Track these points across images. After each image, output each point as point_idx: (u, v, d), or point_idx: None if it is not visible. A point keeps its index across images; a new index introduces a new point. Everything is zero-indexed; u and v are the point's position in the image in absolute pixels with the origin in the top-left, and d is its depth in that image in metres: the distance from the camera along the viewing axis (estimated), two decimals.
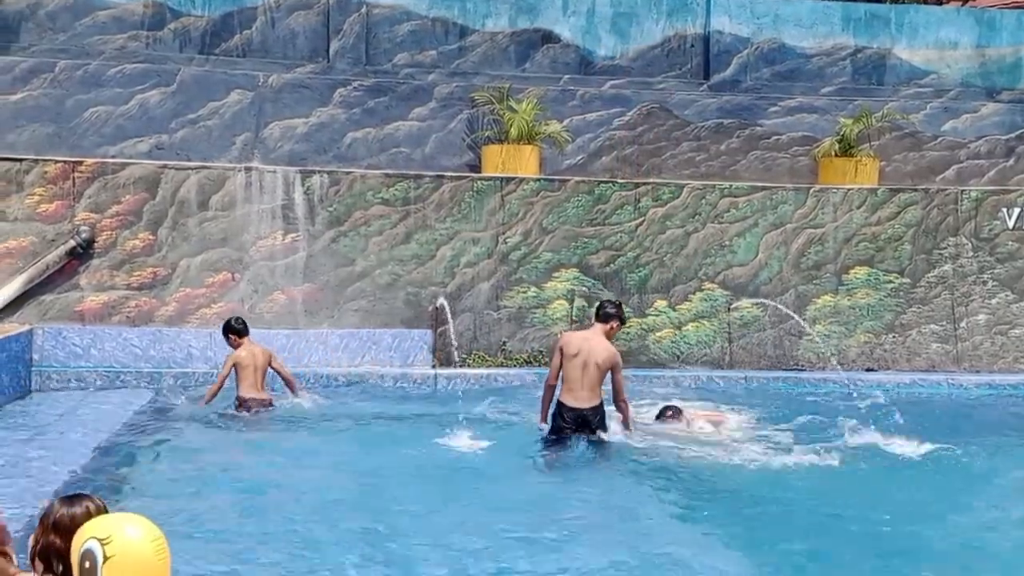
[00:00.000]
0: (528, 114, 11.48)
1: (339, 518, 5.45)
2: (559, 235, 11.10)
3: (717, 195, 11.44)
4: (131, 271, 10.26)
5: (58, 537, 2.90)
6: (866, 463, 7.15)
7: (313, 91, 11.92)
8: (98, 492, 5.77)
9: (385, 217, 10.81)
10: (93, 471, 6.32)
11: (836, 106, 12.91)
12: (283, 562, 4.69)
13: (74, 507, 2.96)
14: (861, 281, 11.55)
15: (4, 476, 5.95)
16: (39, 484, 5.79)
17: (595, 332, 7.42)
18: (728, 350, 11.26)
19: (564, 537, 5.26)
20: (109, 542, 2.54)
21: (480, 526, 5.40)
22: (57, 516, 2.94)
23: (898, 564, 4.95)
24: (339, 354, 10.41)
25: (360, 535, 5.15)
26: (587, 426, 7.26)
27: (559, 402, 7.32)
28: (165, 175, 10.43)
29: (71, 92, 11.28)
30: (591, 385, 7.25)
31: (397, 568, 4.65)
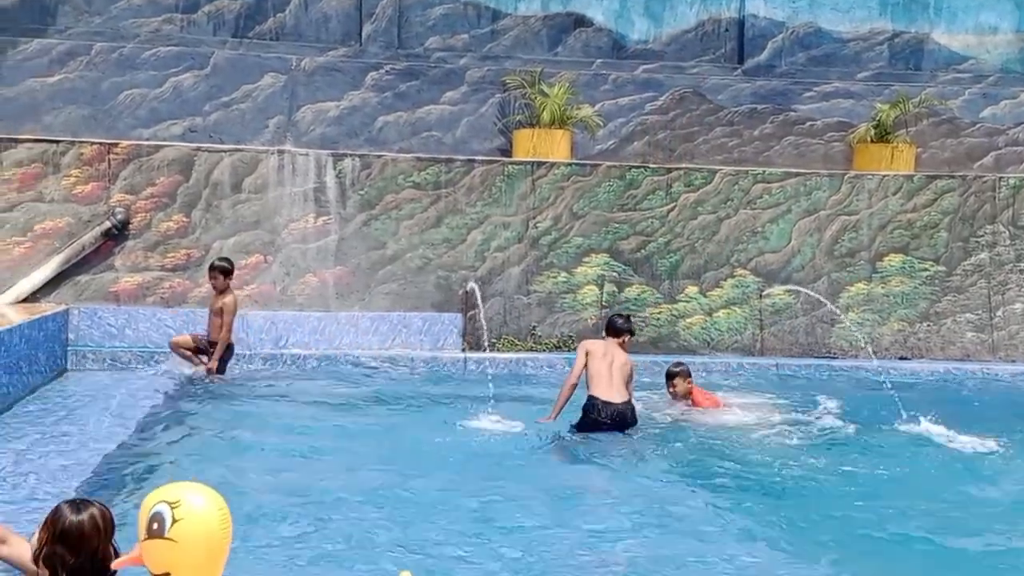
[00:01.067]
0: (560, 98, 11.43)
1: (366, 497, 5.48)
2: (590, 220, 11.06)
3: (750, 181, 11.35)
4: (165, 252, 10.36)
5: (64, 548, 2.91)
6: (899, 450, 7.09)
7: (345, 74, 11.94)
8: (132, 469, 5.87)
9: (416, 201, 10.83)
10: (127, 448, 6.40)
11: (872, 91, 12.74)
12: (309, 538, 4.73)
13: (81, 515, 2.96)
14: (895, 269, 11.42)
15: (39, 454, 6.04)
16: (75, 462, 5.88)
17: (612, 344, 7.46)
18: (759, 337, 11.19)
19: (591, 519, 5.26)
20: (178, 506, 2.63)
21: (506, 507, 5.41)
22: (66, 525, 2.94)
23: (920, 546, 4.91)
24: (370, 337, 10.46)
25: (387, 515, 5.17)
26: (624, 423, 7.19)
27: (592, 397, 7.18)
28: (199, 157, 10.51)
29: (106, 75, 11.38)
30: (621, 382, 7.25)
31: (423, 548, 4.67)
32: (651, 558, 4.67)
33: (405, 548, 4.68)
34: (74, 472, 5.62)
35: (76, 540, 2.86)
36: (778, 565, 4.63)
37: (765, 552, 4.81)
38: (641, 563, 4.61)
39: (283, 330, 10.29)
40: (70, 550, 2.89)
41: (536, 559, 4.60)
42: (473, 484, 5.89)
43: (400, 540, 4.81)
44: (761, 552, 4.81)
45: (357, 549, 4.65)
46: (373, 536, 4.85)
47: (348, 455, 6.56)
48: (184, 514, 2.62)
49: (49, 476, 5.54)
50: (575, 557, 4.65)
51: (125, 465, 6.04)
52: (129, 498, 5.25)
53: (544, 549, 4.74)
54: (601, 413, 7.12)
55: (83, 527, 2.90)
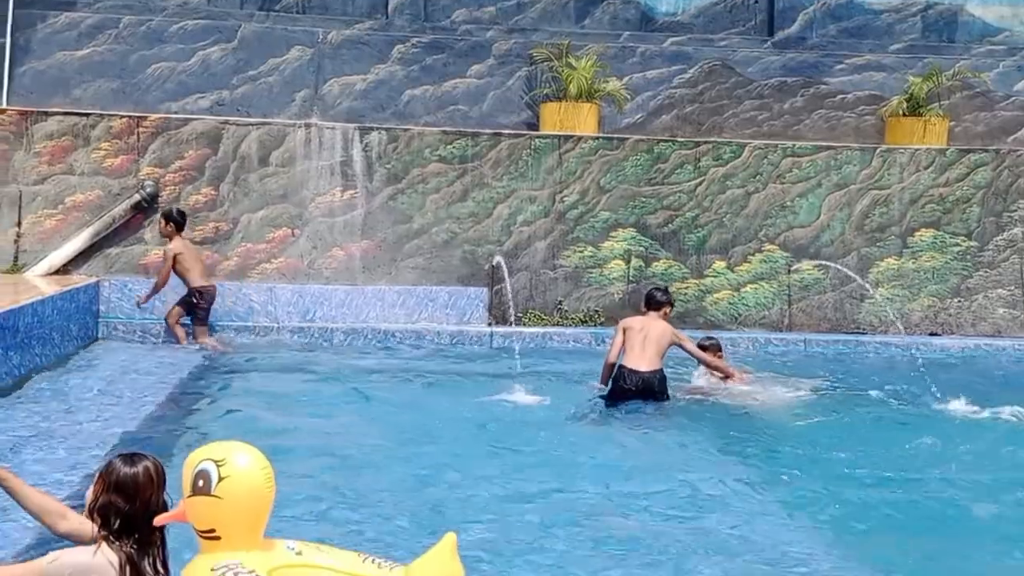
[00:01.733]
0: (587, 71, 11.34)
1: (392, 465, 5.51)
2: (617, 194, 11.00)
3: (779, 155, 11.23)
4: (193, 225, 10.40)
5: (120, 497, 3.00)
6: (928, 426, 7.03)
7: (372, 48, 11.91)
8: (162, 438, 5.93)
9: (442, 175, 10.81)
10: (157, 417, 6.48)
11: (905, 64, 12.54)
12: (338, 510, 4.76)
13: (135, 467, 3.07)
14: (927, 244, 11.28)
15: (73, 421, 6.13)
16: (106, 427, 5.96)
17: (652, 317, 7.58)
18: (787, 313, 11.11)
19: (617, 491, 5.27)
20: (224, 464, 2.67)
21: (532, 478, 5.42)
22: (120, 476, 3.04)
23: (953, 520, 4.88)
24: (396, 310, 10.49)
25: (413, 486, 5.20)
26: (651, 392, 7.27)
27: (621, 366, 7.36)
28: (227, 131, 10.53)
29: (135, 48, 11.42)
30: (653, 353, 7.35)
31: (450, 518, 4.69)
32: (678, 529, 4.67)
33: (435, 515, 4.71)
34: (105, 439, 5.70)
35: (131, 490, 2.96)
36: (812, 536, 4.61)
37: (795, 523, 4.80)
38: (666, 532, 4.61)
39: (310, 303, 10.34)
40: (125, 499, 2.98)
41: (559, 528, 4.61)
42: (499, 454, 5.92)
43: (424, 507, 4.83)
44: (790, 523, 4.80)
45: (383, 515, 4.68)
46: (401, 502, 4.88)
47: (374, 425, 6.60)
48: (229, 471, 2.65)
49: (80, 442, 5.62)
50: (600, 527, 4.65)
51: (155, 433, 6.12)
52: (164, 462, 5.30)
53: (566, 518, 4.75)
54: (627, 381, 7.25)
55: (138, 478, 3.00)
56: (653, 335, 7.38)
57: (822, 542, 4.57)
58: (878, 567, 4.27)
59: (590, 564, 4.19)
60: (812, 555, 4.37)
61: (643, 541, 4.50)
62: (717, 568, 4.17)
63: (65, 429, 5.89)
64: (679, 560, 4.26)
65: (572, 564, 4.18)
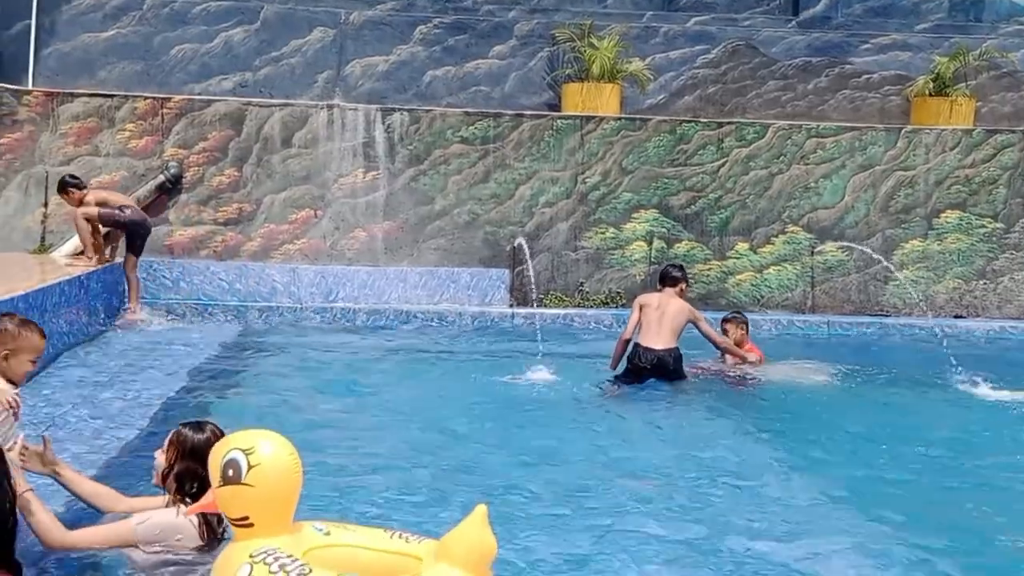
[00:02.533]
0: (610, 52, 11.29)
1: (415, 443, 5.55)
2: (639, 175, 10.97)
3: (803, 135, 11.15)
4: (217, 207, 10.49)
5: (194, 461, 3.25)
6: (951, 408, 7.00)
7: (394, 28, 11.90)
8: (189, 414, 5.99)
9: (464, 156, 10.81)
10: (183, 395, 6.55)
11: (931, 44, 12.40)
12: (361, 488, 4.79)
13: (204, 433, 3.35)
14: (952, 225, 11.18)
15: (101, 398, 6.20)
16: (135, 405, 6.03)
17: (668, 294, 7.52)
18: (810, 294, 11.06)
19: (639, 468, 5.29)
20: (252, 452, 2.72)
21: (555, 457, 5.45)
22: (194, 443, 3.32)
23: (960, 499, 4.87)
24: (418, 291, 10.52)
25: (435, 464, 5.23)
26: (665, 369, 7.25)
27: (636, 344, 7.33)
28: (250, 112, 10.57)
29: (158, 29, 11.47)
30: (669, 331, 7.31)
31: (471, 494, 4.71)
32: (697, 506, 4.68)
33: (454, 489, 4.74)
34: (134, 415, 5.77)
35: (204, 455, 3.09)
36: (837, 513, 4.62)
37: (821, 501, 4.80)
38: (688, 509, 4.63)
39: (333, 284, 10.39)
40: (199, 463, 3.16)
41: (581, 509, 4.63)
42: (520, 432, 5.94)
43: (448, 483, 4.87)
44: (817, 501, 4.80)
45: (406, 492, 4.71)
46: (422, 479, 4.91)
47: (396, 405, 6.64)
48: (259, 459, 2.70)
49: (109, 419, 5.69)
50: (623, 506, 4.67)
51: (181, 411, 6.18)
52: None
53: (588, 498, 4.77)
54: (642, 359, 7.24)
55: (209, 442, 3.19)
56: (670, 312, 7.34)
57: (848, 519, 4.57)
58: (902, 545, 4.27)
59: (611, 541, 4.21)
60: (838, 531, 4.38)
61: (664, 519, 4.51)
62: (747, 548, 4.18)
63: (92, 407, 5.97)
64: (701, 540, 4.27)
65: (592, 542, 4.20)
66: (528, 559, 3.93)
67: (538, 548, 4.07)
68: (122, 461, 5.00)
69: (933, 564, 4.07)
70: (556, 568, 3.92)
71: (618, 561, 3.98)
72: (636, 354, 7.28)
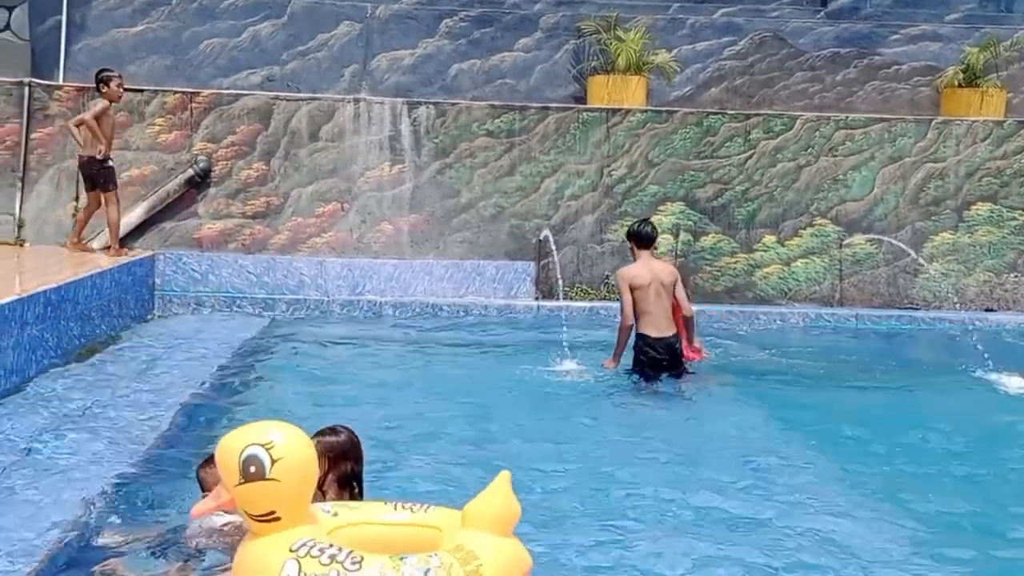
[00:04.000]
0: (636, 44, 11.24)
1: (441, 434, 5.58)
2: (665, 168, 10.93)
3: (832, 127, 11.06)
4: (246, 200, 10.56)
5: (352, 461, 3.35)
6: (982, 402, 6.94)
7: (419, 22, 11.92)
8: (220, 406, 6.06)
9: (490, 149, 10.82)
10: (214, 387, 6.62)
11: (961, 34, 12.25)
12: (388, 474, 4.83)
13: (344, 432, 3.42)
14: (983, 218, 11.06)
15: (132, 390, 6.28)
16: (166, 396, 6.10)
17: (647, 258, 7.02)
18: (838, 287, 10.98)
19: (670, 459, 5.29)
20: (272, 446, 2.63)
21: (584, 449, 5.46)
22: (345, 444, 3.38)
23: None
24: (444, 284, 10.55)
25: (458, 453, 5.26)
26: (676, 356, 6.97)
27: (642, 335, 6.94)
28: (277, 106, 10.64)
29: (187, 24, 11.56)
30: (668, 311, 6.94)
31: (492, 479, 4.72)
32: (736, 500, 4.67)
33: (478, 475, 4.76)
34: (165, 407, 5.83)
35: (358, 450, 3.27)
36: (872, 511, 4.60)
37: (853, 497, 4.78)
38: (720, 502, 4.62)
39: (359, 277, 10.44)
40: (356, 462, 3.30)
41: (610, 499, 4.64)
42: (548, 423, 5.96)
43: (472, 470, 4.89)
44: (849, 497, 4.78)
45: (431, 482, 4.74)
46: (448, 470, 4.94)
47: (421, 397, 6.67)
48: (281, 452, 2.63)
49: (140, 410, 5.76)
50: (658, 499, 4.67)
51: (214, 401, 6.25)
52: (221, 432, 5.43)
53: (619, 489, 4.78)
54: (656, 350, 6.87)
55: (355, 438, 3.35)
56: (667, 283, 6.83)
57: (876, 511, 4.55)
58: (930, 540, 4.25)
59: (633, 533, 4.22)
60: (866, 523, 4.36)
61: (693, 509, 4.51)
62: (774, 544, 4.18)
63: (124, 399, 6.04)
64: (735, 536, 4.27)
65: (616, 532, 4.21)
66: (556, 550, 3.94)
67: (565, 540, 4.08)
68: (156, 453, 5.06)
69: (962, 559, 4.05)
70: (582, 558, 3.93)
71: (646, 551, 3.98)
72: (646, 345, 6.89)
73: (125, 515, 4.13)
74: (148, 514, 4.19)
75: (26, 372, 6.23)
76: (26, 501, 4.05)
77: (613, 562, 3.89)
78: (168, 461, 4.94)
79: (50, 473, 4.43)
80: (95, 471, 4.49)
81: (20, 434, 5.02)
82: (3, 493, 4.15)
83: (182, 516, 3.94)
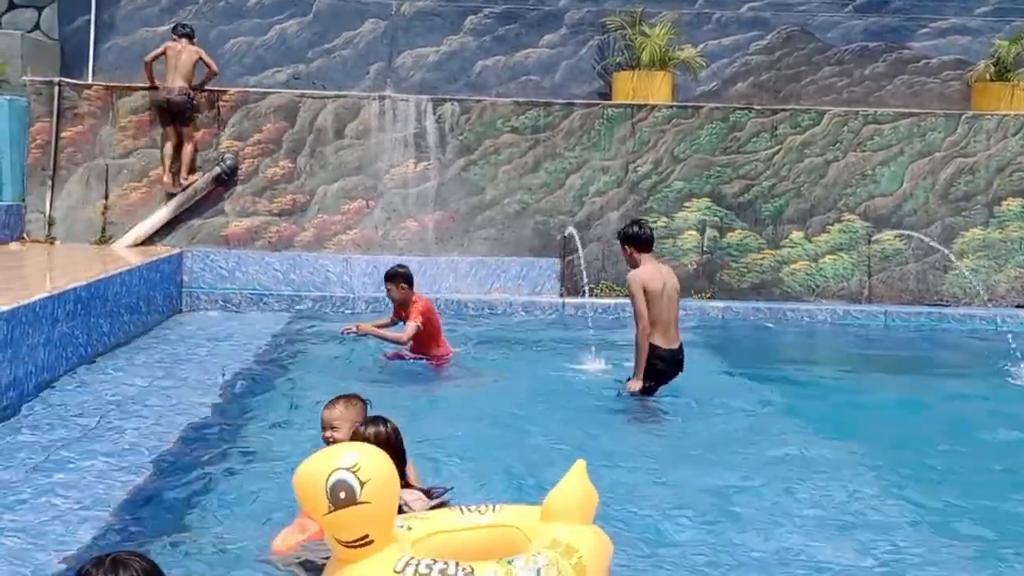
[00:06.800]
0: (661, 39, 11.19)
1: (466, 436, 5.57)
2: (691, 163, 10.87)
3: (860, 122, 10.95)
4: (272, 198, 10.62)
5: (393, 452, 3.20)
6: (1014, 399, 6.85)
7: (444, 19, 11.93)
8: (250, 401, 6.09)
9: (514, 145, 10.81)
10: (241, 384, 6.66)
11: (992, 27, 12.09)
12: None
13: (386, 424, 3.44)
14: (1015, 213, 10.91)
15: (162, 386, 6.33)
16: (199, 394, 6.14)
17: (653, 261, 6.49)
18: (867, 284, 10.88)
19: (691, 458, 5.26)
20: (359, 469, 2.55)
21: (608, 446, 5.44)
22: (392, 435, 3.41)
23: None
24: (469, 281, 10.56)
25: (486, 452, 5.25)
26: (681, 366, 6.52)
27: (653, 345, 6.28)
28: (303, 104, 10.68)
29: (214, 23, 11.63)
30: (677, 319, 6.46)
31: (524, 481, 4.72)
32: (761, 502, 4.64)
33: (504, 474, 4.76)
34: (195, 404, 5.87)
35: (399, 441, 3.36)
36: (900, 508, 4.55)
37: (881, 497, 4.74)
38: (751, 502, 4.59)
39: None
40: (396, 453, 3.26)
41: (639, 498, 4.62)
42: (572, 421, 5.95)
43: (497, 468, 4.89)
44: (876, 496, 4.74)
45: (456, 478, 4.74)
46: (471, 467, 4.93)
47: (446, 393, 6.68)
48: (369, 475, 2.55)
49: (171, 407, 5.81)
50: (674, 495, 4.65)
51: (244, 397, 6.29)
52: (252, 423, 5.47)
53: (647, 489, 4.76)
54: (669, 363, 6.36)
55: (397, 432, 3.42)
56: (673, 287, 6.33)
57: (904, 511, 4.50)
58: (955, 539, 4.20)
59: (657, 532, 4.20)
60: (895, 525, 4.32)
61: (717, 510, 4.48)
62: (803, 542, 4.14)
63: (153, 395, 6.09)
64: (755, 539, 4.24)
65: (641, 531, 4.19)
66: None
67: None
68: (187, 448, 5.11)
69: (991, 559, 3.99)
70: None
71: (672, 555, 3.96)
72: (658, 357, 6.28)
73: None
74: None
75: (56, 369, 6.29)
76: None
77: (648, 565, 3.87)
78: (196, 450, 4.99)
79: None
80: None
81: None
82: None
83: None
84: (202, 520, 4.13)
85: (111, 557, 2.10)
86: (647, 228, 6.52)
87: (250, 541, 3.72)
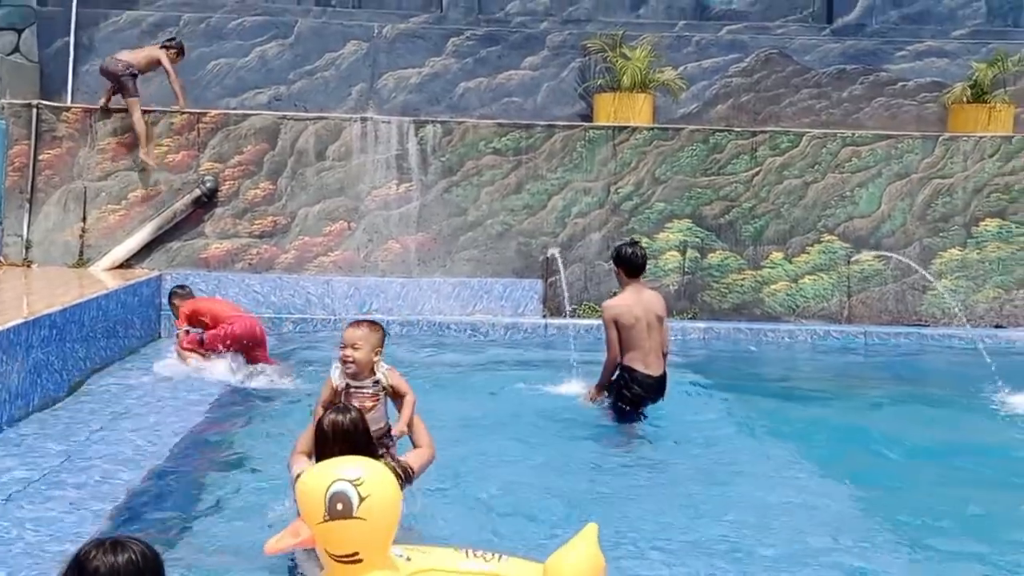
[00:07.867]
0: (642, 62, 11.26)
1: (447, 459, 5.53)
2: (672, 185, 10.92)
3: (838, 144, 11.04)
4: (252, 219, 10.58)
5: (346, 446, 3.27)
6: (990, 421, 6.89)
7: (427, 41, 11.97)
8: (229, 429, 6.04)
9: (497, 167, 10.83)
10: (221, 410, 6.61)
11: (968, 50, 12.25)
12: None
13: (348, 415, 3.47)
14: (992, 234, 11.01)
15: (138, 413, 6.27)
16: (179, 420, 6.09)
17: (638, 287, 6.45)
18: (847, 304, 10.94)
19: (673, 482, 5.25)
20: (361, 483, 2.52)
21: (590, 469, 5.43)
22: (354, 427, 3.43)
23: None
24: (451, 303, 10.54)
25: (466, 477, 5.22)
26: (662, 392, 6.55)
27: (629, 369, 6.33)
28: (284, 126, 10.67)
29: (195, 45, 11.61)
30: (660, 348, 6.41)
31: (505, 506, 4.70)
32: (745, 521, 4.64)
33: (484, 502, 4.73)
34: (175, 431, 5.82)
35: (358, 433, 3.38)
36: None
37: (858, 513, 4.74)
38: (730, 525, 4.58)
39: (366, 296, 10.44)
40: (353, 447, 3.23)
41: (621, 521, 4.60)
42: (554, 443, 5.93)
43: (479, 495, 4.86)
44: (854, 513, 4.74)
45: (437, 503, 4.72)
46: (452, 493, 4.91)
47: (428, 415, 6.62)
48: (370, 490, 2.51)
49: (147, 433, 5.75)
50: (661, 515, 4.64)
51: (224, 421, 6.24)
52: (232, 451, 5.41)
53: (627, 507, 4.75)
54: (645, 387, 6.35)
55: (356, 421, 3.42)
56: (661, 315, 6.28)
57: (882, 533, 4.51)
58: (938, 562, 4.20)
59: (645, 553, 4.18)
60: (873, 545, 4.32)
61: (704, 529, 4.47)
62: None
63: (131, 422, 6.03)
64: (742, 555, 4.23)
65: (630, 555, 4.18)
66: None
67: None
68: (168, 468, 5.06)
69: None
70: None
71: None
72: (636, 382, 6.29)
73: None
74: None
75: (31, 397, 6.22)
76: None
77: None
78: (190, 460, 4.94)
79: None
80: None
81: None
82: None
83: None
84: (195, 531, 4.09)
85: (111, 540, 2.11)
86: (641, 253, 6.46)
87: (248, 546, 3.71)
